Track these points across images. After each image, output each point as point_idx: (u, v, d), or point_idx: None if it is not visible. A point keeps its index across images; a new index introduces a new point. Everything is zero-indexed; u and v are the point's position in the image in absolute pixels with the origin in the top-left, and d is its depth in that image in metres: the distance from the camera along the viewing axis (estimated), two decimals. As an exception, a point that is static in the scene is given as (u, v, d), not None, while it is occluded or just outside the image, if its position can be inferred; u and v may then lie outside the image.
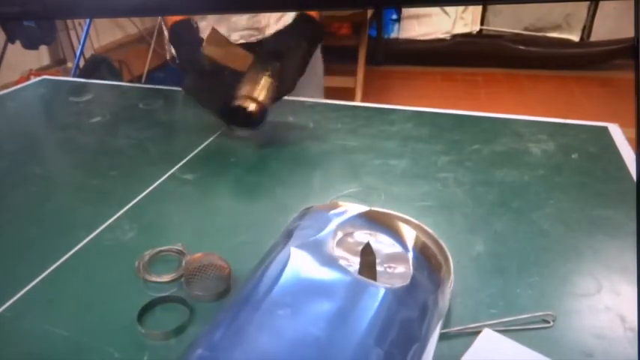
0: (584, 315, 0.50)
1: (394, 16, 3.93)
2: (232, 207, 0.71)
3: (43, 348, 0.48)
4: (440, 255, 0.49)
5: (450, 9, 3.63)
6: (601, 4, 3.28)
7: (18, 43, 2.43)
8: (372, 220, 0.51)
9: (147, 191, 0.74)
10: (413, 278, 0.43)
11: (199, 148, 0.87)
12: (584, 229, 0.64)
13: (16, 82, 2.15)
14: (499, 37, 3.53)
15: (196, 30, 0.87)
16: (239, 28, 1.05)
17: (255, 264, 0.48)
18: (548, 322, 0.49)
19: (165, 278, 0.56)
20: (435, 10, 3.74)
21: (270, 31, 1.04)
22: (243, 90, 0.80)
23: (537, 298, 0.52)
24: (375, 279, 0.43)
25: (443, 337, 0.46)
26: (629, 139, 0.84)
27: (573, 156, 0.80)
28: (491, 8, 3.62)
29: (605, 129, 0.87)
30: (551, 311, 0.49)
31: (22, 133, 0.99)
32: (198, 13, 0.94)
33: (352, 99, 3.04)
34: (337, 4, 0.55)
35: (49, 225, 0.68)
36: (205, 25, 0.94)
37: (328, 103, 1.05)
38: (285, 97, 1.10)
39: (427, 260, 0.47)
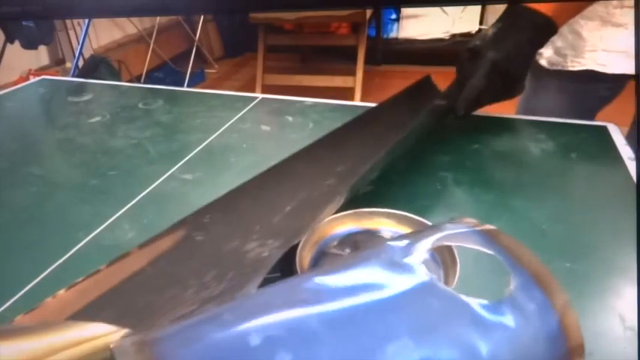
0: (583, 314, 0.50)
1: (393, 16, 3.93)
2: (232, 207, 0.71)
3: (43, 348, 0.48)
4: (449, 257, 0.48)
5: (449, 9, 3.63)
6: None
7: (17, 43, 2.43)
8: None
9: (147, 191, 0.74)
10: None
11: (199, 148, 0.87)
12: (583, 228, 0.64)
13: (15, 83, 2.15)
14: (498, 36, 3.53)
15: None
16: None
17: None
18: (548, 322, 0.49)
19: (165, 278, 0.56)
20: (434, 10, 3.74)
21: None
22: None
23: (537, 298, 0.52)
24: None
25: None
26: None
27: (572, 155, 0.80)
28: (489, 7, 3.62)
29: (605, 128, 0.87)
30: (550, 310, 0.49)
31: (21, 134, 0.99)
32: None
33: (351, 98, 3.04)
34: (338, 4, 0.55)
35: (48, 225, 0.68)
36: None
37: (328, 103, 1.05)
38: (284, 97, 1.10)
39: None
